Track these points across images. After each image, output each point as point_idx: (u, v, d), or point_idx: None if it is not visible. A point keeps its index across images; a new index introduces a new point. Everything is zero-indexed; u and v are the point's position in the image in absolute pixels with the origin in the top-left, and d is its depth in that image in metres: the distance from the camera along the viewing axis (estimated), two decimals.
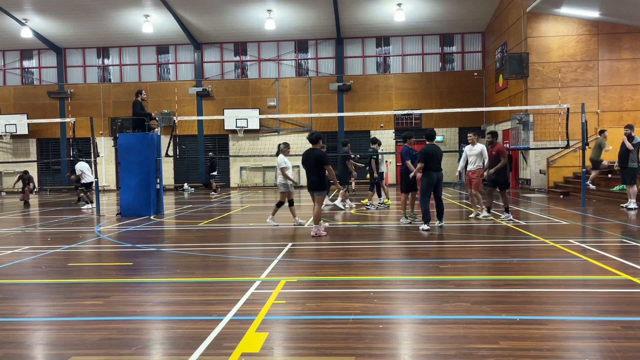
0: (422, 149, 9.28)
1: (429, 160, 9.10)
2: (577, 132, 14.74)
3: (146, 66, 26.59)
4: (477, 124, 24.67)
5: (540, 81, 18.95)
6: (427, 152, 9.12)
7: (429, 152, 9.12)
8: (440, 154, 9.33)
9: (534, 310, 4.28)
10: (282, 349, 3.58)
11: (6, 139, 26.06)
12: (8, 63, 27.02)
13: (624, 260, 6.09)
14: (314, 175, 8.83)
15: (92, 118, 13.82)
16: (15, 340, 3.82)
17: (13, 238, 9.20)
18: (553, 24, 18.93)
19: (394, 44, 25.62)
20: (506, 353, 3.35)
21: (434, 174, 9.15)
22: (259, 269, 6.00)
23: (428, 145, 9.26)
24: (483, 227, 9.36)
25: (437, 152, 9.24)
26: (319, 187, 8.86)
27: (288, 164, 9.96)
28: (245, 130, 25.06)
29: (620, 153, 12.34)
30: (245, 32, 24.84)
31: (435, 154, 9.18)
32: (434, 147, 9.24)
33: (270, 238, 8.72)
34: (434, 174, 9.14)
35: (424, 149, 9.26)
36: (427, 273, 5.76)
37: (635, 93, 18.86)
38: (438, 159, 9.22)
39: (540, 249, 7.04)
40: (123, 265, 6.67)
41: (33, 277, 6.04)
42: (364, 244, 7.78)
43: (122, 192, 12.82)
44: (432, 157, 9.10)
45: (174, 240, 8.61)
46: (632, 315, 4.09)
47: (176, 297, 5.06)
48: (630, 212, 11.27)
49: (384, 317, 4.19)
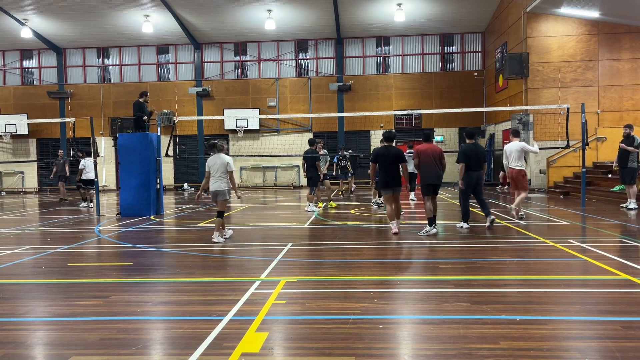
0: (461, 149, 9.11)
1: (469, 160, 8.91)
2: (577, 132, 14.73)
3: (146, 66, 26.58)
4: (477, 124, 24.67)
5: (540, 81, 18.95)
6: (466, 152, 8.93)
7: (467, 152, 8.92)
8: (482, 153, 9.10)
9: (534, 310, 4.28)
10: (282, 349, 3.58)
11: (6, 139, 26.05)
12: (8, 63, 27.02)
13: (624, 260, 6.09)
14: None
15: (92, 118, 13.82)
16: (15, 340, 3.82)
17: (13, 238, 9.20)
18: (553, 24, 18.93)
19: (394, 44, 25.62)
20: (506, 353, 3.35)
21: (473, 174, 8.97)
22: (259, 269, 6.00)
23: (467, 144, 9.06)
24: (483, 227, 9.36)
25: (476, 151, 8.99)
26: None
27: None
28: (245, 130, 25.05)
29: (619, 153, 12.32)
30: (245, 32, 24.84)
31: (475, 154, 8.94)
32: (473, 147, 9.02)
33: (270, 238, 8.72)
34: (473, 174, 8.96)
35: (462, 148, 9.08)
36: (427, 273, 5.76)
37: (635, 93, 18.86)
38: (478, 158, 8.97)
39: (540, 249, 7.04)
40: (123, 265, 6.67)
41: (33, 277, 6.04)
42: (364, 244, 7.77)
43: (122, 192, 12.82)
44: (471, 156, 8.89)
45: (174, 240, 8.61)
46: (632, 315, 4.09)
47: (176, 297, 5.06)
48: (630, 212, 11.27)
49: (384, 317, 4.19)
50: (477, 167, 8.96)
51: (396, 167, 8.68)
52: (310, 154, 12.81)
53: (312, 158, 12.75)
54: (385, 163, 8.65)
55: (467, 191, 9.07)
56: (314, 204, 12.84)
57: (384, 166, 8.66)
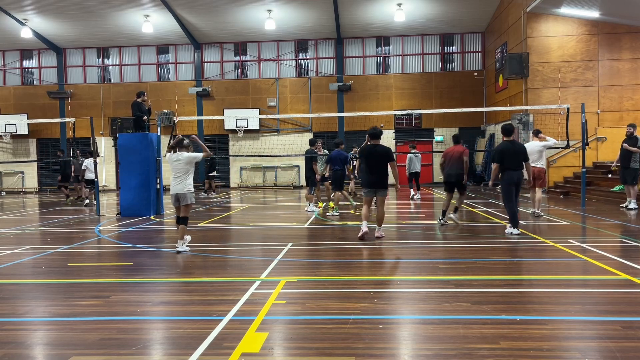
0: (497, 148, 8.58)
1: (505, 159, 8.23)
2: (577, 132, 14.72)
3: (146, 66, 26.58)
4: (477, 124, 24.68)
5: (540, 81, 18.94)
6: (502, 150, 8.31)
7: (503, 150, 8.29)
8: (520, 150, 8.41)
9: (534, 310, 4.28)
10: (282, 349, 3.58)
11: (6, 139, 26.04)
12: (8, 63, 27.01)
13: (624, 260, 6.09)
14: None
15: (92, 118, 13.82)
16: (15, 340, 3.82)
17: (13, 238, 9.19)
18: (553, 24, 18.93)
19: (394, 44, 25.62)
20: (506, 353, 3.35)
21: (513, 174, 8.26)
22: (259, 269, 6.00)
23: (504, 142, 8.41)
24: (483, 227, 9.36)
25: (514, 149, 8.31)
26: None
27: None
28: (245, 130, 25.05)
29: (621, 153, 12.25)
30: (245, 32, 24.84)
31: (513, 151, 8.26)
32: (510, 145, 8.33)
33: (270, 238, 8.72)
34: (513, 174, 8.26)
35: (498, 147, 8.51)
36: (427, 273, 5.76)
37: (635, 93, 18.85)
38: (517, 156, 8.29)
39: (540, 249, 7.04)
40: (123, 265, 6.67)
41: (33, 277, 6.04)
42: (364, 244, 7.77)
43: (122, 192, 12.82)
44: (507, 155, 8.22)
45: (174, 240, 8.59)
46: (632, 315, 4.09)
47: (176, 297, 5.06)
48: (631, 212, 11.27)
49: (384, 317, 4.19)
50: (516, 166, 8.27)
51: (383, 166, 8.03)
52: (310, 154, 12.85)
53: (309, 158, 12.77)
54: (370, 162, 8.04)
55: (509, 191, 8.33)
56: (313, 203, 12.84)
57: (369, 165, 8.06)
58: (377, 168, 8.01)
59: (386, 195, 8.14)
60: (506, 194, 8.39)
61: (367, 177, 8.13)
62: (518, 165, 8.31)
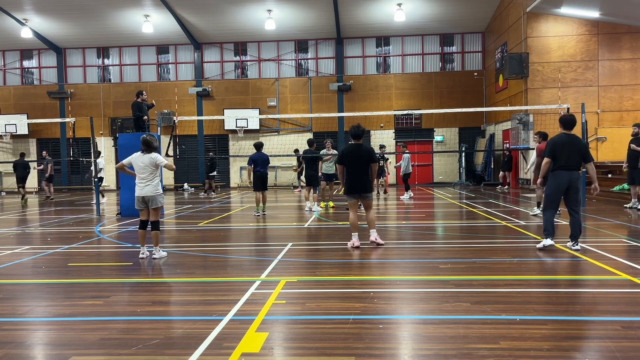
0: (550, 141, 7.01)
1: (558, 155, 6.77)
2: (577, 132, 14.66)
3: (146, 66, 26.58)
4: (477, 124, 24.69)
5: (540, 81, 18.95)
6: (556, 144, 6.80)
7: (557, 143, 6.80)
8: (580, 147, 6.84)
9: (534, 310, 4.28)
10: (282, 349, 3.58)
11: (6, 139, 26.04)
12: (8, 63, 27.02)
13: (624, 260, 6.09)
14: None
15: (92, 118, 13.82)
16: (15, 340, 3.82)
17: (13, 238, 9.19)
18: (553, 24, 18.93)
19: (394, 44, 25.62)
20: (506, 353, 3.34)
21: (565, 174, 6.74)
22: (259, 269, 6.00)
23: (559, 135, 6.93)
24: (483, 227, 9.36)
25: (571, 143, 6.78)
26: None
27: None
28: (245, 130, 25.05)
29: (629, 153, 12.06)
30: (245, 32, 24.84)
31: (569, 146, 6.74)
32: (566, 138, 6.82)
33: (270, 238, 8.72)
34: (564, 174, 6.74)
35: (552, 139, 6.98)
36: (427, 273, 5.76)
37: (635, 93, 18.86)
38: (573, 154, 6.76)
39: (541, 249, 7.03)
40: (123, 265, 6.67)
41: (33, 277, 6.04)
42: (364, 244, 7.77)
43: (122, 192, 12.82)
44: (561, 149, 6.74)
45: (174, 240, 8.61)
46: (632, 315, 4.09)
47: (176, 297, 5.06)
48: (638, 212, 11.19)
49: (384, 317, 4.19)
50: (571, 165, 6.75)
51: (367, 168, 7.47)
52: (309, 154, 12.94)
53: (311, 158, 12.91)
54: (355, 164, 7.41)
55: (555, 197, 6.88)
56: (317, 204, 12.91)
57: (352, 167, 7.43)
58: (361, 171, 7.43)
59: (372, 199, 7.66)
60: (549, 198, 6.91)
61: (351, 181, 7.46)
62: (573, 165, 6.77)
